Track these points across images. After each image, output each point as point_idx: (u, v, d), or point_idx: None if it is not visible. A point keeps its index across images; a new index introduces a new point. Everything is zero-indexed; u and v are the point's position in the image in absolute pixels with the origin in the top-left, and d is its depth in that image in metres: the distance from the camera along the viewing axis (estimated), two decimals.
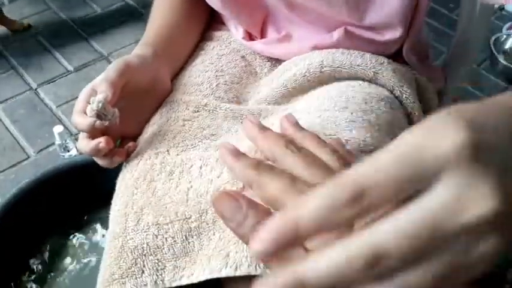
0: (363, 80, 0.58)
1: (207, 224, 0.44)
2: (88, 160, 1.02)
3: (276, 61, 0.66)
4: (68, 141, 1.31)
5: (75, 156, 1.34)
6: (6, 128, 1.45)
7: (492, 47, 1.70)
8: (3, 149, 1.39)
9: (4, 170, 1.33)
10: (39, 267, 0.97)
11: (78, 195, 0.97)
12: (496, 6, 1.96)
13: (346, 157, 0.37)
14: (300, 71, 0.58)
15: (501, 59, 1.69)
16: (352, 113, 0.51)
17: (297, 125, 0.39)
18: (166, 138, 0.53)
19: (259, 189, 0.31)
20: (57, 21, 1.85)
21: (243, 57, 0.67)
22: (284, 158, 0.34)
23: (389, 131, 0.52)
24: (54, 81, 1.60)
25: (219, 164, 0.47)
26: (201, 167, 0.48)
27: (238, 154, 0.34)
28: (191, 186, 0.47)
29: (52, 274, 0.96)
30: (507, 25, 1.82)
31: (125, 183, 0.50)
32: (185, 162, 0.49)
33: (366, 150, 0.47)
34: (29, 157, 1.37)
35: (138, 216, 0.46)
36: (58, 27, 1.82)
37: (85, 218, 1.02)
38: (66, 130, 1.38)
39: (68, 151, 1.33)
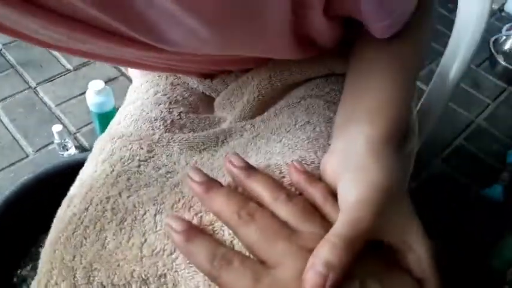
0: (320, 77, 0.55)
1: (167, 287, 0.40)
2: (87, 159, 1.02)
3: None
4: (66, 140, 1.31)
5: (74, 155, 1.34)
6: (5, 126, 1.45)
7: (492, 47, 1.70)
8: (1, 147, 1.39)
9: (3, 169, 1.33)
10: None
11: None
12: (495, 7, 1.96)
13: (306, 187, 0.38)
14: (252, 96, 0.55)
15: (500, 60, 1.69)
16: (315, 128, 0.47)
17: (244, 168, 0.39)
18: (120, 180, 0.47)
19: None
20: None
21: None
22: (237, 230, 0.36)
23: None
24: (54, 80, 1.60)
25: (174, 211, 0.43)
26: (155, 215, 0.43)
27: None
28: (145, 241, 0.42)
29: None
30: (506, 26, 1.82)
31: (72, 227, 0.44)
32: (137, 209, 0.44)
33: None
34: (27, 156, 1.37)
35: (88, 272, 0.41)
36: None
37: None
38: (65, 129, 1.38)
39: (67, 150, 1.33)
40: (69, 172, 0.99)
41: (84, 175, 0.51)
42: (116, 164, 0.49)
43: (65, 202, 0.49)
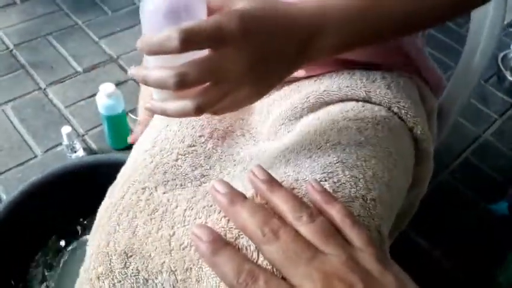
0: (357, 100, 0.56)
1: (191, 281, 0.43)
2: (95, 161, 1.02)
3: None
4: (75, 142, 1.32)
5: (81, 157, 1.34)
6: (14, 126, 1.46)
7: (500, 63, 1.70)
8: (10, 147, 1.40)
9: (11, 169, 1.34)
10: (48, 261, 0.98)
11: (84, 194, 0.98)
12: (505, 22, 1.96)
13: (324, 206, 0.39)
14: (285, 112, 0.56)
15: (509, 76, 1.69)
16: (345, 149, 0.48)
17: (267, 182, 0.40)
18: (157, 172, 0.50)
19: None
20: (68, 22, 1.87)
21: None
22: (260, 247, 0.36)
23: (384, 165, 0.49)
24: (64, 81, 1.62)
25: (205, 211, 0.45)
26: (185, 210, 0.45)
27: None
28: (173, 234, 0.44)
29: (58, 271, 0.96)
30: None
31: (107, 215, 0.49)
32: (170, 202, 0.47)
33: (358, 196, 0.45)
34: (36, 156, 1.38)
35: (124, 259, 0.45)
36: (69, 29, 1.84)
37: (92, 217, 1.02)
38: (74, 131, 1.39)
39: (75, 152, 1.34)
40: (77, 174, 1.01)
41: (127, 164, 0.55)
42: (156, 155, 0.52)
43: (108, 193, 0.53)
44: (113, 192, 0.51)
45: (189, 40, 0.36)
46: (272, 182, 0.39)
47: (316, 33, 0.42)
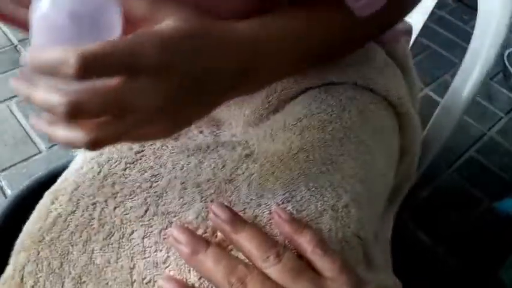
0: (319, 87, 0.52)
1: None
2: None
3: None
4: None
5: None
6: (19, 122, 1.46)
7: (506, 61, 1.69)
8: (15, 143, 1.40)
9: (16, 164, 1.35)
10: None
11: None
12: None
13: (293, 237, 0.38)
14: (250, 111, 0.52)
15: None
16: (308, 155, 0.45)
17: (228, 221, 0.38)
18: (105, 184, 0.46)
19: None
20: None
21: None
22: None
23: (355, 160, 0.46)
24: None
25: (162, 239, 0.42)
26: (143, 238, 0.42)
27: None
28: (134, 266, 0.41)
29: None
30: None
31: (57, 229, 0.43)
32: (125, 226, 0.43)
33: (326, 209, 0.42)
34: (40, 152, 1.39)
35: (77, 285, 0.41)
36: None
37: None
38: None
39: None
40: None
41: (71, 169, 0.50)
42: (104, 164, 0.48)
43: (48, 196, 0.47)
44: (58, 199, 0.46)
45: (90, 69, 0.29)
46: (235, 220, 0.38)
47: (251, 65, 0.39)
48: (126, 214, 0.44)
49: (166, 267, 0.40)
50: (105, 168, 0.48)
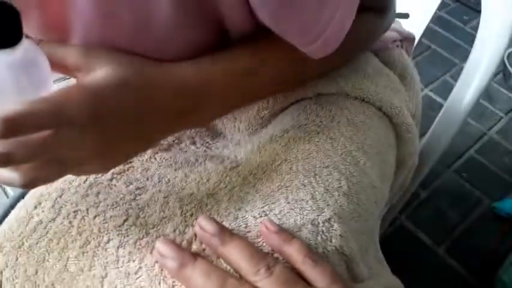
0: (310, 98, 0.51)
1: None
2: None
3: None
4: None
5: None
6: None
7: (506, 60, 1.70)
8: None
9: None
10: None
11: None
12: None
13: (283, 248, 0.37)
14: (243, 125, 0.53)
15: None
16: (291, 167, 0.45)
17: (216, 235, 0.37)
18: (90, 193, 0.46)
19: None
20: None
21: None
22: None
23: (341, 172, 0.45)
24: (70, 77, 1.62)
25: (136, 249, 0.42)
26: (118, 248, 0.42)
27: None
28: (106, 275, 0.41)
29: None
30: None
31: (37, 236, 0.43)
32: (102, 234, 0.43)
33: (305, 223, 0.41)
34: None
35: None
36: None
37: None
38: None
39: None
40: None
41: None
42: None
43: (32, 199, 0.47)
44: (41, 204, 0.46)
45: (14, 131, 0.30)
46: (223, 234, 0.37)
47: (193, 106, 0.40)
48: (105, 223, 0.44)
49: (137, 278, 0.40)
50: (92, 177, 0.47)
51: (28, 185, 0.34)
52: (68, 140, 0.33)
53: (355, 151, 0.47)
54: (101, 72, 0.34)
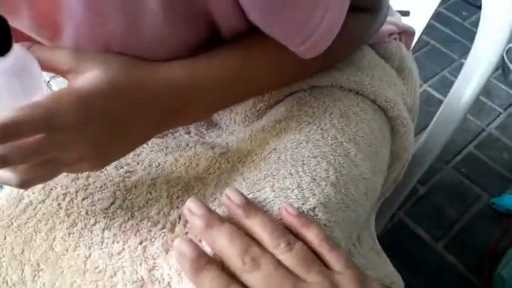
0: (304, 90, 0.52)
1: None
2: None
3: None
4: None
5: None
6: None
7: (505, 56, 1.69)
8: None
9: None
10: None
11: None
12: None
13: (300, 230, 0.38)
14: (239, 117, 0.53)
15: None
16: (279, 156, 0.45)
17: (242, 206, 0.38)
18: (80, 177, 0.47)
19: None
20: None
21: None
22: (242, 276, 0.35)
23: (329, 162, 0.45)
24: None
25: (121, 231, 0.43)
26: (104, 230, 0.43)
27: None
28: (89, 255, 0.42)
29: None
30: None
31: (26, 216, 0.45)
32: (89, 217, 0.44)
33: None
34: None
35: (35, 271, 0.42)
36: None
37: None
38: None
39: None
40: None
41: None
42: None
43: None
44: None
45: (6, 136, 0.32)
46: (248, 207, 0.38)
47: (182, 107, 0.40)
48: (93, 206, 0.45)
49: (120, 258, 0.41)
50: None
51: (25, 184, 0.36)
52: (61, 142, 0.34)
53: (346, 142, 0.47)
54: (91, 75, 0.35)
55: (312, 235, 0.37)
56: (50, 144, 0.34)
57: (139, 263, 0.40)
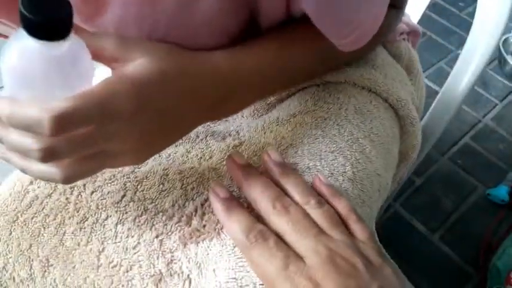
0: (317, 85, 0.52)
1: None
2: None
3: None
4: None
5: None
6: None
7: (501, 47, 1.69)
8: None
9: None
10: None
11: None
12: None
13: (330, 199, 0.39)
14: (247, 110, 0.53)
15: (509, 60, 1.68)
16: (296, 151, 0.45)
17: (280, 165, 0.40)
18: None
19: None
20: None
21: None
22: (270, 218, 0.37)
23: (346, 157, 0.45)
24: None
25: (136, 226, 0.42)
26: (117, 224, 0.42)
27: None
28: (103, 249, 0.41)
29: None
30: None
31: (33, 211, 0.43)
32: (100, 211, 0.43)
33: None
34: None
35: (44, 267, 0.41)
36: None
37: None
38: None
39: None
40: None
41: None
42: None
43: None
44: (37, 179, 0.45)
45: (63, 128, 0.30)
46: (285, 166, 0.40)
47: (228, 94, 0.40)
48: (103, 199, 0.43)
49: (135, 252, 0.41)
50: None
51: (69, 180, 0.33)
52: (112, 133, 0.33)
53: (361, 138, 0.47)
54: (139, 63, 0.34)
55: (341, 205, 0.39)
56: (100, 135, 0.32)
57: (156, 257, 0.40)
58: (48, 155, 0.31)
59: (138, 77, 0.33)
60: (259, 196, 0.38)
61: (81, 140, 0.32)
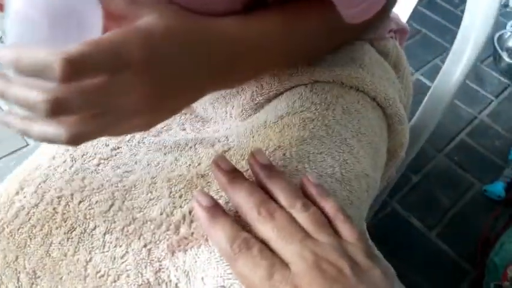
0: (305, 85, 0.51)
1: None
2: None
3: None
4: None
5: None
6: None
7: (496, 44, 1.69)
8: (2, 136, 1.39)
9: (3, 157, 1.33)
10: None
11: None
12: (502, 2, 1.95)
13: (318, 200, 0.39)
14: (236, 111, 0.52)
15: (504, 57, 1.68)
16: (284, 153, 0.44)
17: (265, 168, 0.40)
18: (75, 178, 0.45)
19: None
20: None
21: None
22: (255, 224, 0.36)
23: (334, 158, 0.45)
24: None
25: (124, 235, 0.41)
26: (105, 234, 0.41)
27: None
28: (90, 259, 0.41)
29: None
30: (511, 22, 1.81)
31: (19, 221, 0.43)
32: (88, 221, 0.42)
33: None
34: (28, 144, 1.37)
35: (32, 279, 0.41)
36: None
37: None
38: None
39: None
40: None
41: (43, 158, 0.48)
42: (78, 159, 0.47)
43: (13, 184, 0.45)
44: (24, 189, 0.45)
45: (74, 73, 0.28)
46: (271, 169, 0.40)
47: (235, 59, 0.39)
48: (91, 209, 0.43)
49: (123, 262, 0.40)
50: (78, 163, 0.47)
51: (74, 140, 0.31)
52: (123, 83, 0.31)
53: (349, 139, 0.47)
54: (148, 19, 0.33)
55: (328, 205, 0.38)
56: (111, 86, 0.31)
57: (144, 266, 0.39)
58: (55, 108, 0.29)
59: (148, 29, 0.33)
60: (244, 202, 0.37)
61: (93, 92, 0.30)
